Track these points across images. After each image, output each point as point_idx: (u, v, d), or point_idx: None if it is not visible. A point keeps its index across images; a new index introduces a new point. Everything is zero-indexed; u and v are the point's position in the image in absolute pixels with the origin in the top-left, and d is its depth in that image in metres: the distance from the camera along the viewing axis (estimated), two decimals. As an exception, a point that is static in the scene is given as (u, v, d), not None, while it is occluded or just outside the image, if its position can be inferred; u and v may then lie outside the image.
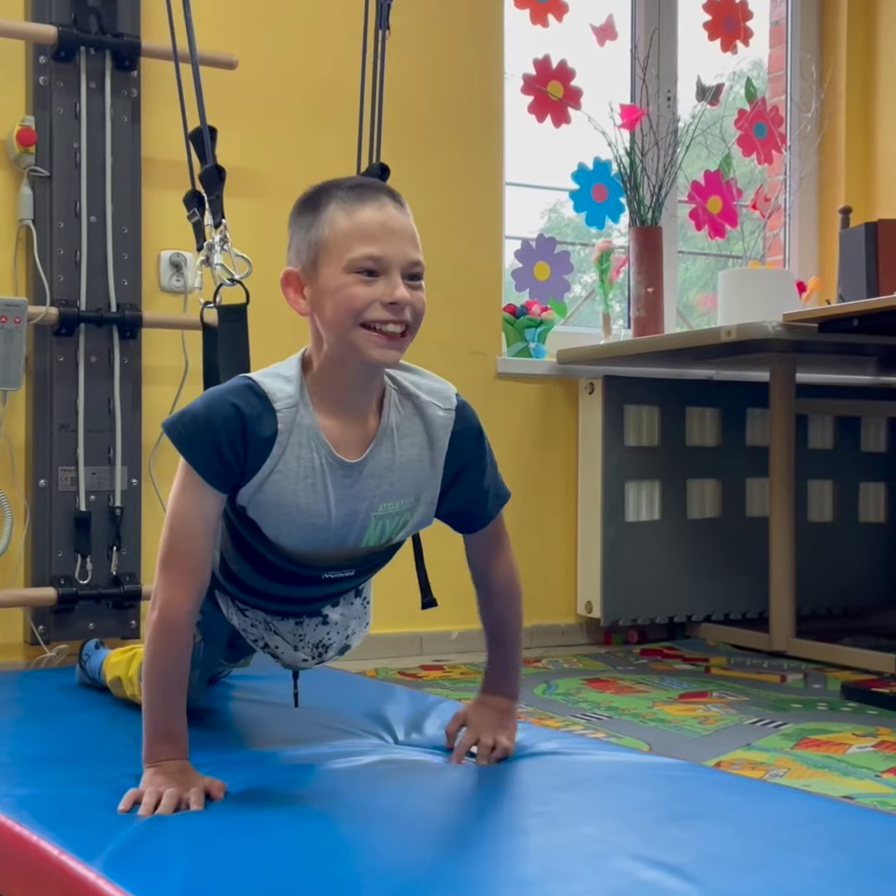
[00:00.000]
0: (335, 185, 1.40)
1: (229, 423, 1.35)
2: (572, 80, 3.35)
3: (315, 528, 1.42)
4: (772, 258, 3.73)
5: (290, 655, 1.59)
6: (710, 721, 2.23)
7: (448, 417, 1.46)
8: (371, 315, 1.34)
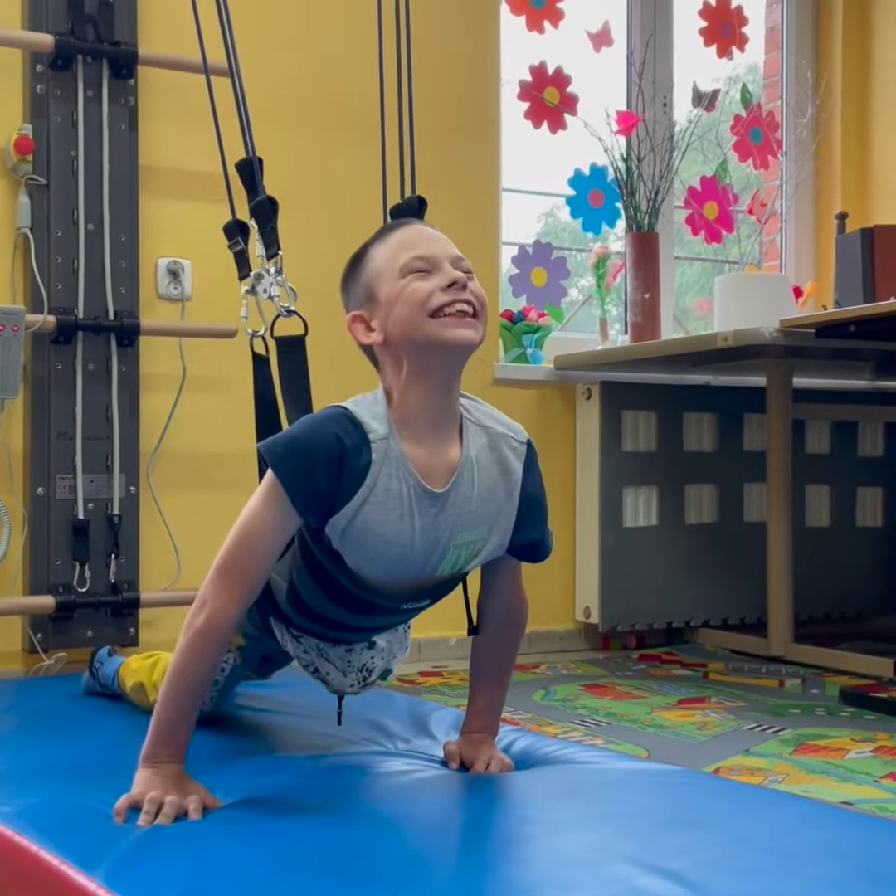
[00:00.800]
0: (367, 240, 1.48)
1: (329, 450, 1.37)
2: (568, 86, 3.36)
3: (399, 558, 1.44)
4: (768, 263, 3.73)
5: (340, 681, 1.60)
6: (709, 727, 2.23)
7: (521, 451, 1.49)
8: (436, 301, 1.38)
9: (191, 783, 1.37)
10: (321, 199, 2.88)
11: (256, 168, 1.80)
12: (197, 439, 2.71)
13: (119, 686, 1.95)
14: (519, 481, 1.49)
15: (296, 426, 1.42)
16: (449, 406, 1.44)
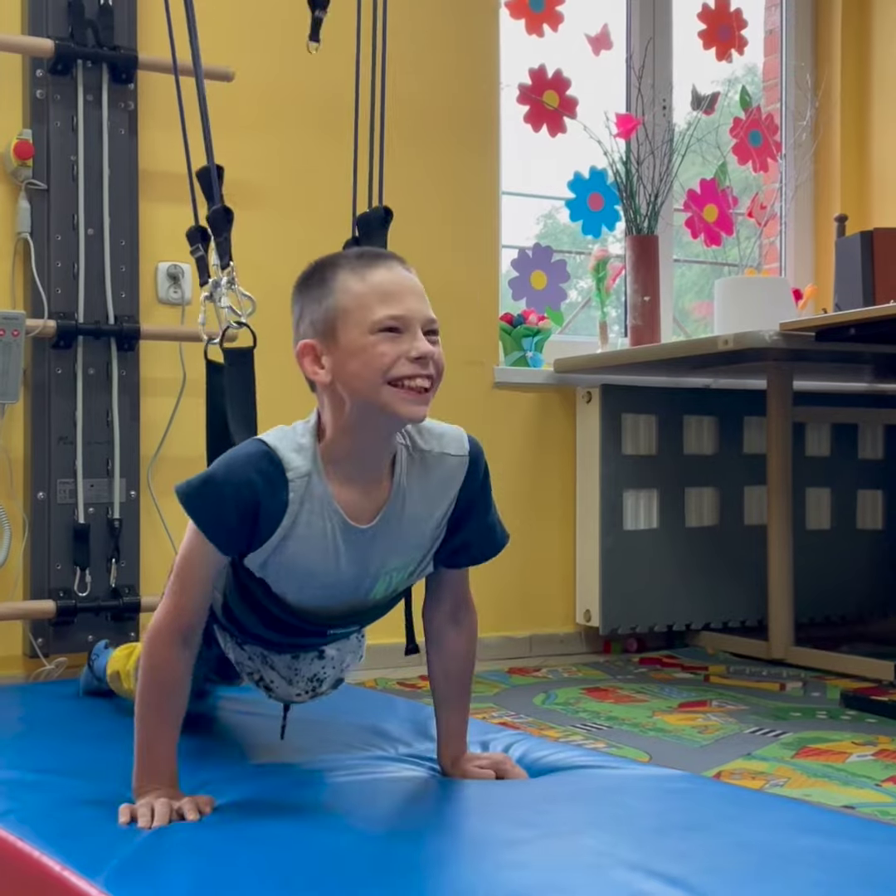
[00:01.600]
0: (339, 256, 1.41)
1: (241, 494, 1.35)
2: (568, 89, 3.36)
3: (325, 587, 1.44)
4: (768, 266, 3.74)
5: (284, 690, 1.60)
6: (710, 730, 2.23)
7: (461, 464, 1.46)
8: (398, 371, 1.33)
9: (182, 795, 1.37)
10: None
11: (214, 176, 1.81)
12: (197, 444, 2.68)
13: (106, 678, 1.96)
14: (454, 500, 1.46)
15: (213, 467, 1.40)
16: (384, 449, 1.41)
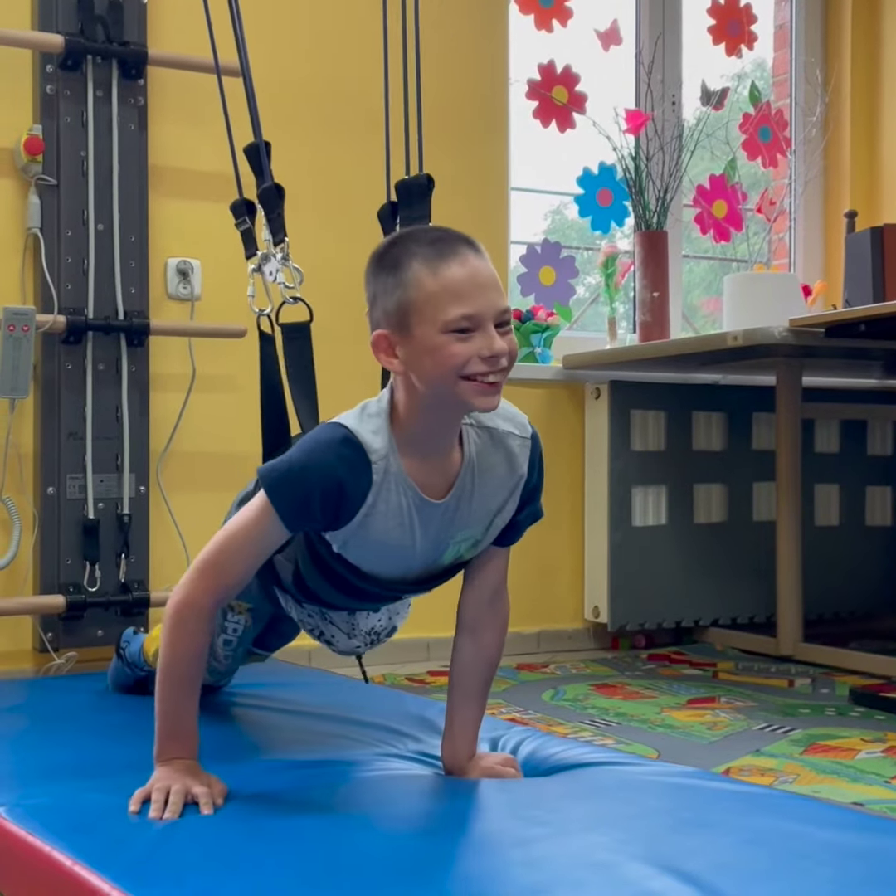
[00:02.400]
0: (412, 240, 1.40)
1: (326, 482, 1.37)
2: (577, 85, 3.35)
3: (402, 558, 1.47)
4: (777, 262, 3.73)
5: (345, 643, 1.64)
6: (719, 727, 2.23)
7: (525, 445, 1.49)
8: (471, 369, 1.35)
9: (201, 773, 1.38)
10: (330, 194, 2.88)
11: (263, 153, 1.81)
12: (206, 439, 2.71)
13: (144, 659, 1.97)
14: (524, 476, 1.49)
15: (295, 452, 1.41)
16: (453, 431, 1.44)
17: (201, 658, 1.43)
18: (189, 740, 1.41)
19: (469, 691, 1.57)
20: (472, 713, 1.57)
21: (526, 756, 1.62)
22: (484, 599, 1.56)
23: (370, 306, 1.42)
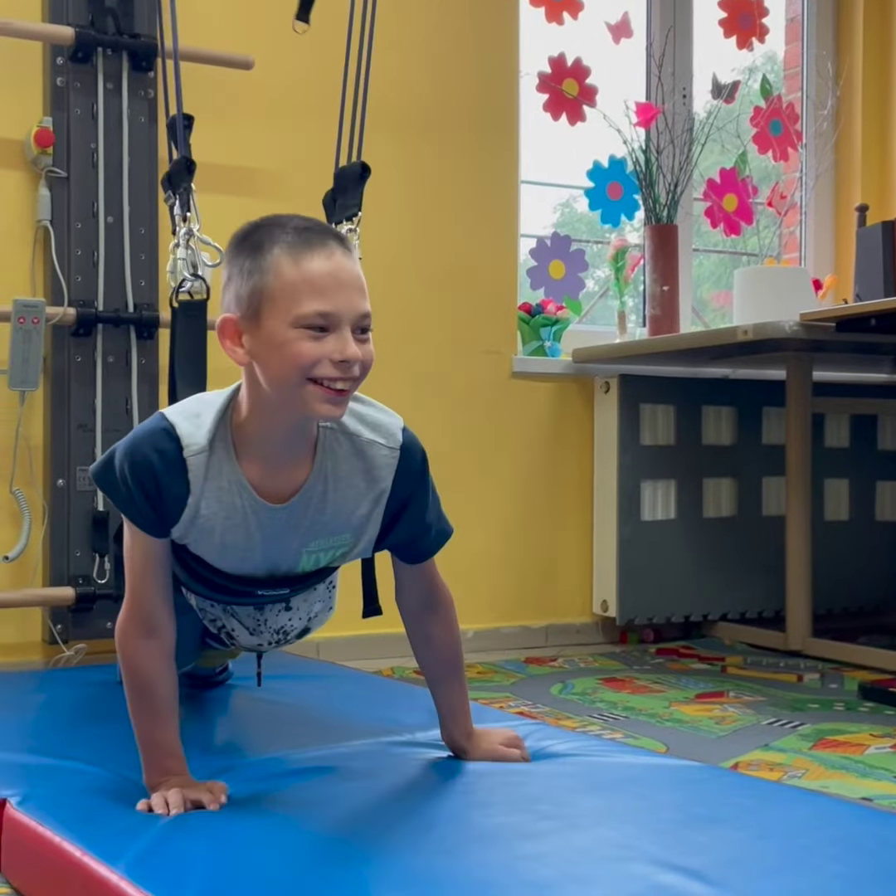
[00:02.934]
0: (278, 225, 1.32)
1: (140, 473, 1.35)
2: (587, 77, 3.34)
3: (244, 559, 1.43)
4: (787, 256, 3.72)
5: (246, 639, 1.59)
6: (727, 721, 2.23)
7: (392, 457, 1.42)
8: (319, 372, 1.28)
9: (196, 784, 1.37)
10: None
11: (180, 126, 1.80)
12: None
13: None
14: (388, 489, 1.42)
15: (119, 443, 1.39)
16: (301, 436, 1.37)
17: (157, 678, 1.40)
18: (173, 760, 1.39)
19: (439, 677, 1.57)
20: (452, 695, 1.57)
21: (534, 749, 1.62)
22: (415, 605, 1.54)
23: (223, 286, 1.35)
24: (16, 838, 1.34)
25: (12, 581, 2.55)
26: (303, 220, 1.34)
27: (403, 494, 1.44)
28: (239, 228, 1.36)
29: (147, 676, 1.40)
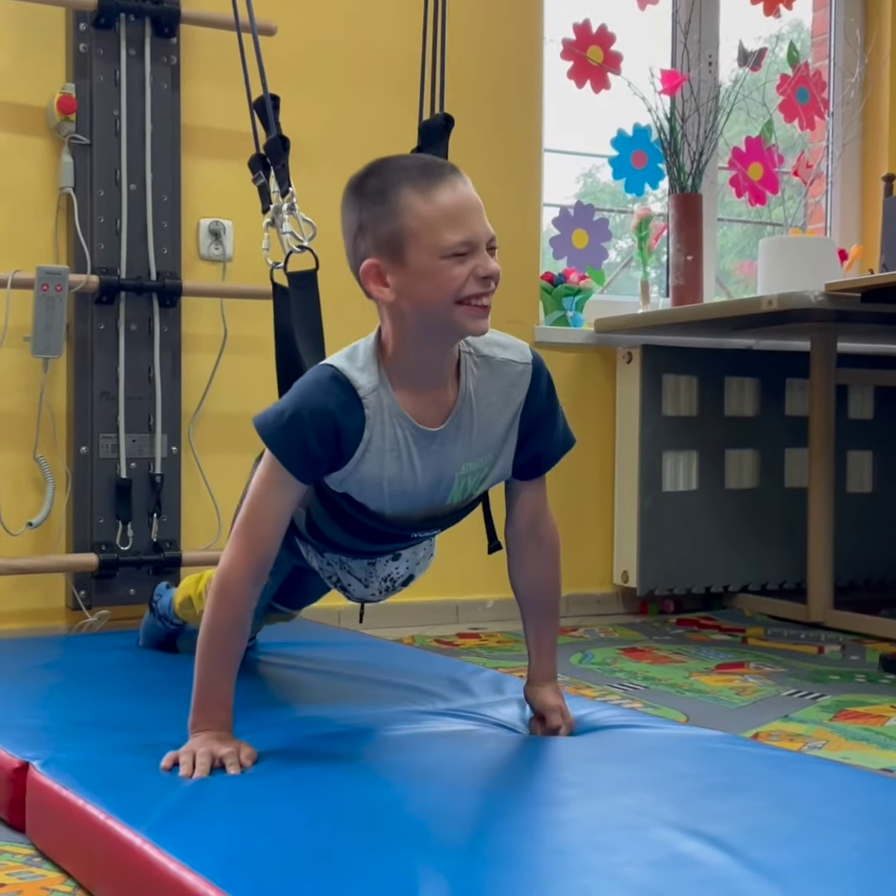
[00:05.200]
0: (398, 167, 1.41)
1: (319, 420, 1.39)
2: (612, 45, 3.31)
3: (404, 493, 1.48)
4: (812, 226, 3.68)
5: (360, 591, 1.66)
6: (748, 692, 2.23)
7: (525, 372, 1.49)
8: (467, 291, 1.38)
9: (231, 740, 1.40)
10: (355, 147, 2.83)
11: (269, 106, 1.82)
12: (238, 400, 2.72)
13: (173, 611, 1.99)
14: (521, 405, 1.50)
15: (286, 397, 1.43)
16: (446, 358, 1.45)
17: (242, 628, 1.44)
18: (223, 711, 1.42)
19: (535, 611, 1.62)
20: (543, 630, 1.62)
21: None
22: (524, 529, 1.59)
23: (354, 237, 1.42)
24: (40, 801, 1.36)
25: (36, 547, 2.57)
26: (415, 157, 1.48)
27: (536, 409, 1.51)
28: (352, 178, 1.44)
29: (240, 624, 1.43)
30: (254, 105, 1.86)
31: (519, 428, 1.51)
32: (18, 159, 2.57)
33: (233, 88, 2.69)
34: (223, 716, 1.42)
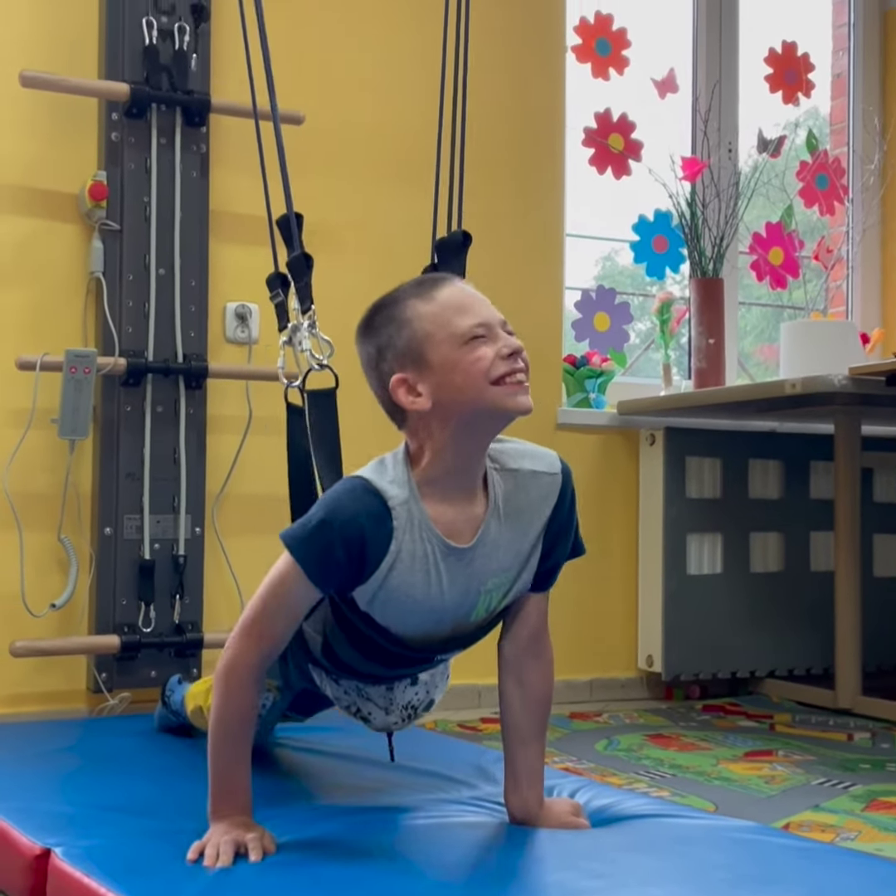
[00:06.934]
0: (397, 292, 1.44)
1: (348, 532, 1.36)
2: (633, 132, 3.36)
3: (430, 611, 1.44)
4: (834, 309, 3.70)
5: (382, 720, 1.60)
6: (777, 780, 2.19)
7: (555, 483, 1.48)
8: (498, 370, 1.37)
9: (254, 826, 1.38)
10: (374, 250, 2.89)
11: (294, 224, 1.84)
12: (262, 481, 2.72)
13: (185, 713, 1.97)
14: (548, 517, 1.47)
15: (315, 509, 1.40)
16: (479, 464, 1.43)
17: (251, 716, 1.42)
18: (241, 796, 1.40)
19: (525, 735, 1.53)
20: (534, 757, 1.53)
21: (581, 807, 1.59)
22: (522, 645, 1.52)
23: (375, 364, 1.43)
24: (61, 889, 1.33)
25: (59, 628, 2.56)
26: (415, 278, 1.48)
27: (560, 521, 1.49)
28: (362, 317, 1.46)
29: (247, 716, 1.41)
30: (277, 222, 1.88)
31: (543, 541, 1.48)
32: (50, 244, 2.62)
33: (260, 176, 2.74)
34: (243, 800, 1.40)
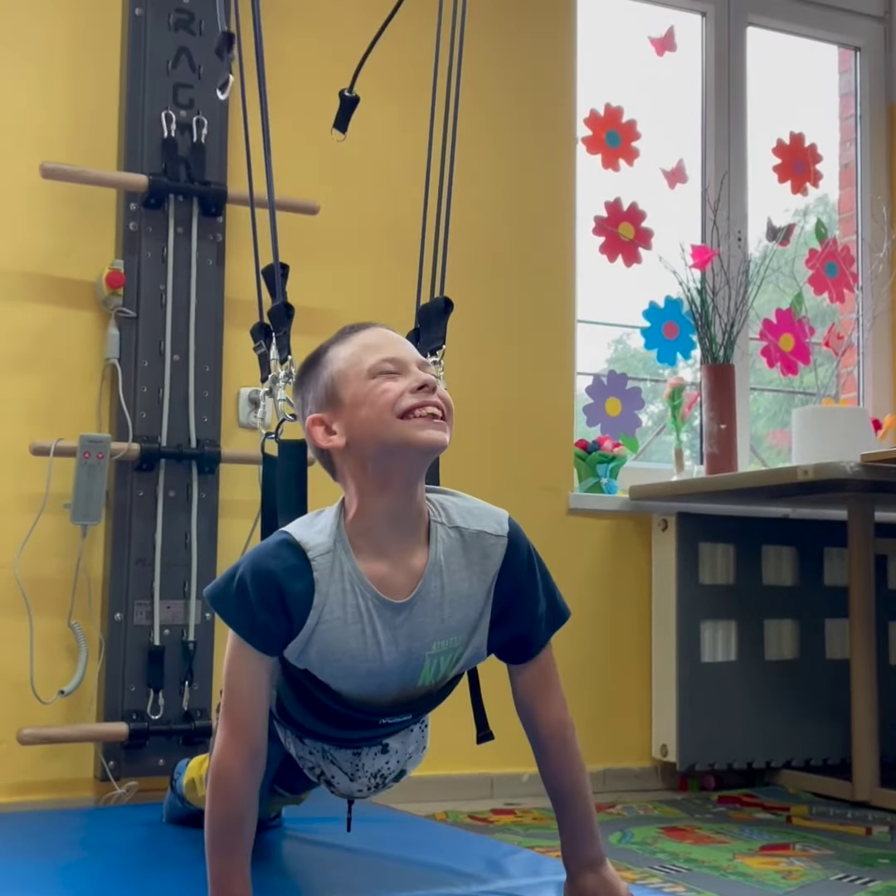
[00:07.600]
0: (324, 342, 1.48)
1: (263, 585, 1.35)
2: (643, 221, 3.41)
3: (370, 673, 1.41)
4: (845, 395, 3.71)
5: (346, 786, 1.56)
6: (794, 876, 2.14)
7: (500, 545, 1.42)
8: (405, 403, 1.36)
9: None
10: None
11: (278, 273, 1.86)
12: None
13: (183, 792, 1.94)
14: (494, 580, 1.42)
15: (234, 566, 1.40)
16: (411, 511, 1.39)
17: (244, 820, 1.37)
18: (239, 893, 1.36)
19: (565, 795, 1.50)
20: (580, 812, 1.51)
21: None
22: (524, 719, 1.50)
23: (302, 411, 1.46)
24: None
25: (66, 715, 2.54)
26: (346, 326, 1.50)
27: (512, 585, 1.43)
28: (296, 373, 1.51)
29: (243, 809, 1.37)
30: (263, 272, 1.90)
31: (493, 605, 1.42)
32: (66, 331, 2.65)
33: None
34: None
